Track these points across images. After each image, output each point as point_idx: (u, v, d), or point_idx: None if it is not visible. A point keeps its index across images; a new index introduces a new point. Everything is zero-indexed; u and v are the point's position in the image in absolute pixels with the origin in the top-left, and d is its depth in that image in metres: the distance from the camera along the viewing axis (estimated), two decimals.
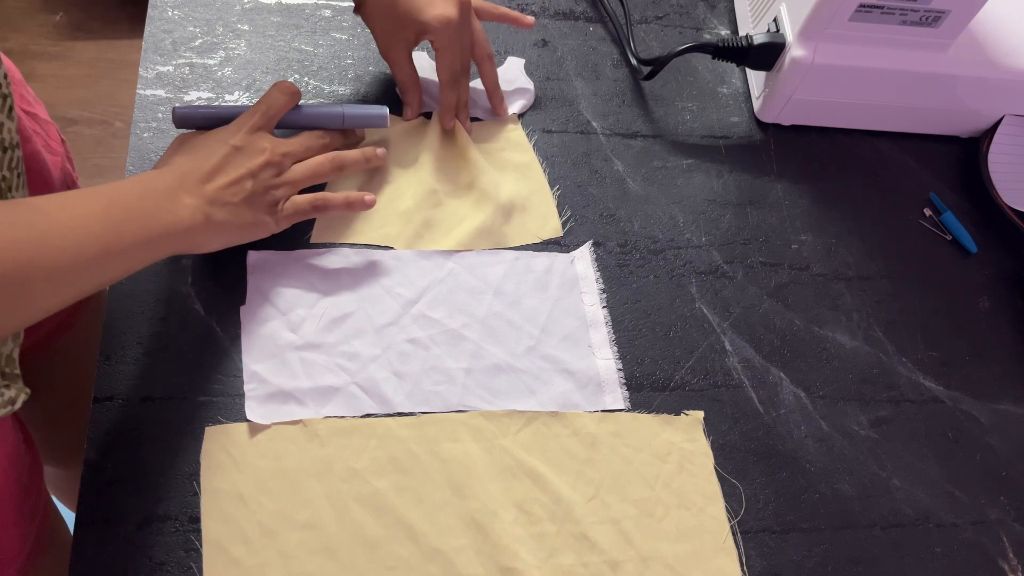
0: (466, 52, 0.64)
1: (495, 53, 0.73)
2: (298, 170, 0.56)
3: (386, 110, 0.62)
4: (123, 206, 0.47)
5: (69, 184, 0.67)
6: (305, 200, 0.57)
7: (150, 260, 0.50)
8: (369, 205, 0.59)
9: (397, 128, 0.66)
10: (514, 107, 0.70)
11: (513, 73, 0.72)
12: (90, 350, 0.59)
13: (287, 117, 0.58)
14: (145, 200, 0.49)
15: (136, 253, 0.48)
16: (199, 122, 0.57)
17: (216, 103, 0.63)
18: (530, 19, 0.69)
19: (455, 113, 0.65)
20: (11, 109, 0.51)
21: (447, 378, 0.57)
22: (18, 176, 0.51)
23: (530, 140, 0.69)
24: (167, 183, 0.50)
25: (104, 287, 0.50)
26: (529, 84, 0.72)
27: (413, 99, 0.66)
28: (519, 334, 0.59)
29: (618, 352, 0.60)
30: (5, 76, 0.50)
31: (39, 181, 0.60)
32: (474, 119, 0.68)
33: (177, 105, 0.58)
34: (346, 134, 0.62)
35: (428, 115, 0.68)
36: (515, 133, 0.69)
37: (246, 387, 0.54)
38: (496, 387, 0.57)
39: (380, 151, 0.61)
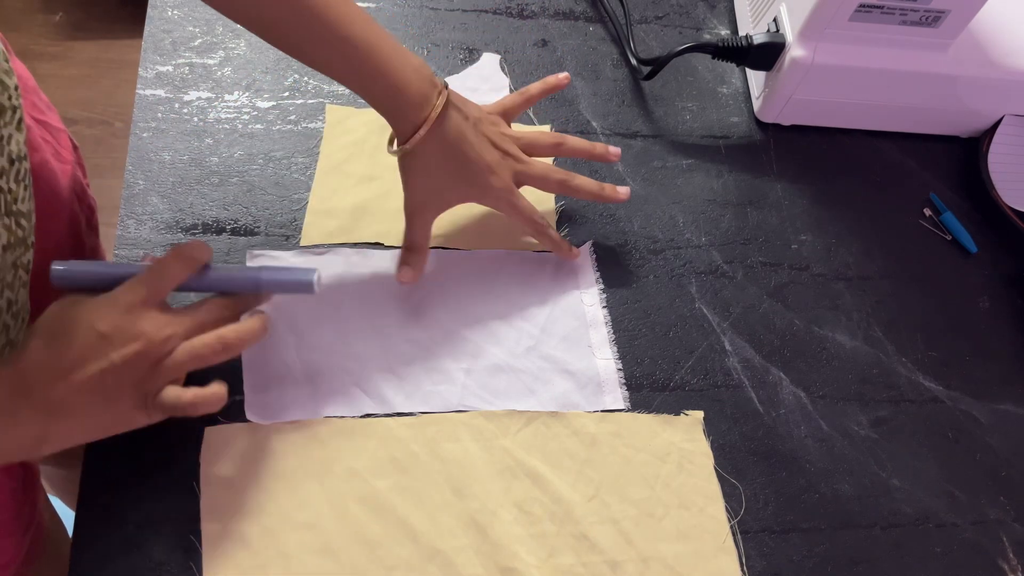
0: (532, 206, 0.60)
1: (496, 52, 0.73)
2: (179, 356, 0.47)
3: (313, 275, 0.51)
4: None
5: (79, 192, 0.67)
6: (176, 398, 0.47)
7: None
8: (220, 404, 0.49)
9: (383, 126, 0.66)
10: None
11: (488, 69, 0.72)
12: None
13: (190, 282, 0.49)
14: None
15: None
16: (80, 285, 0.49)
17: (104, 262, 0.51)
18: (615, 152, 0.63)
19: (562, 246, 0.62)
20: (20, 121, 0.50)
21: (447, 378, 0.57)
22: (24, 188, 0.50)
23: None
24: (2, 388, 0.44)
25: None
26: (505, 80, 0.71)
27: (418, 264, 0.58)
28: (519, 334, 0.59)
29: (618, 352, 0.60)
30: (16, 88, 0.50)
31: (47, 190, 0.60)
32: None
33: (56, 262, 0.49)
34: (260, 297, 0.52)
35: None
36: None
37: (246, 387, 0.54)
38: (496, 387, 0.57)
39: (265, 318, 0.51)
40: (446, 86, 0.55)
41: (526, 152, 0.60)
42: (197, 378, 0.48)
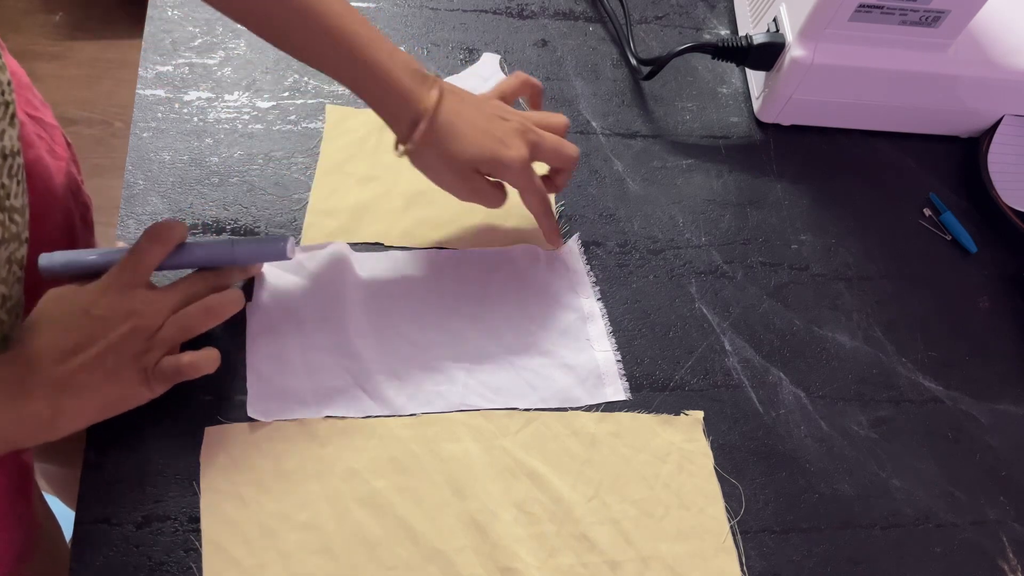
0: (543, 185, 0.59)
1: (496, 52, 0.73)
2: (169, 328, 0.50)
3: (287, 241, 0.53)
4: None
5: (73, 189, 0.67)
6: (175, 364, 0.50)
7: None
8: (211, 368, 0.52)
9: (383, 126, 0.66)
10: None
11: (489, 69, 0.72)
12: None
13: (171, 259, 0.52)
14: None
15: None
16: (66, 275, 0.52)
17: (87, 250, 0.54)
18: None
19: (553, 233, 0.61)
20: (13, 116, 0.50)
21: (448, 378, 0.57)
22: (18, 183, 0.51)
23: None
24: (10, 373, 0.46)
25: None
26: None
27: (500, 199, 0.58)
28: (517, 331, 0.59)
29: (616, 345, 0.60)
30: (9, 83, 0.50)
31: (41, 187, 0.60)
32: None
33: (43, 254, 0.52)
34: (245, 269, 0.56)
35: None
36: None
37: (248, 383, 0.54)
38: (497, 385, 0.57)
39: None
40: (438, 78, 0.55)
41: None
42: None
